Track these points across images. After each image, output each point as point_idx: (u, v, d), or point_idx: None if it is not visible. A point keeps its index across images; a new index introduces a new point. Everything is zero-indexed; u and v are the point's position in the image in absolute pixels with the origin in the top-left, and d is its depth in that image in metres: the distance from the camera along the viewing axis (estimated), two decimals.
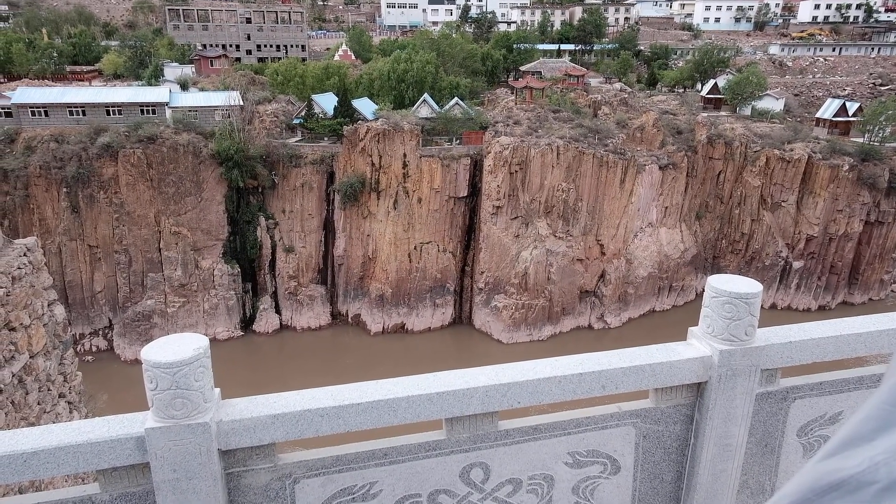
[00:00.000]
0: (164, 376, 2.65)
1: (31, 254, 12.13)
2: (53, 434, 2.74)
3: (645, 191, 50.94)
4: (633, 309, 52.08)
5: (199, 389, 2.73)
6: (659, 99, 66.35)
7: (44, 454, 2.65)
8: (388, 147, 47.63)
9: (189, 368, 2.67)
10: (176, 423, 2.71)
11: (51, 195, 44.99)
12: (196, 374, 2.70)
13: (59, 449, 2.68)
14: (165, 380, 2.65)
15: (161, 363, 2.65)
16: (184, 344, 2.76)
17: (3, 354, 10.14)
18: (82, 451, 2.70)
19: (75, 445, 2.69)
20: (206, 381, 2.78)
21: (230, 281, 48.56)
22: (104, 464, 2.76)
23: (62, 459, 2.68)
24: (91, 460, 2.72)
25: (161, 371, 2.65)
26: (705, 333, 3.47)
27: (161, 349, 2.72)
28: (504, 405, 3.14)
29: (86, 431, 2.74)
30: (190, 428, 2.72)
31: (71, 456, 2.69)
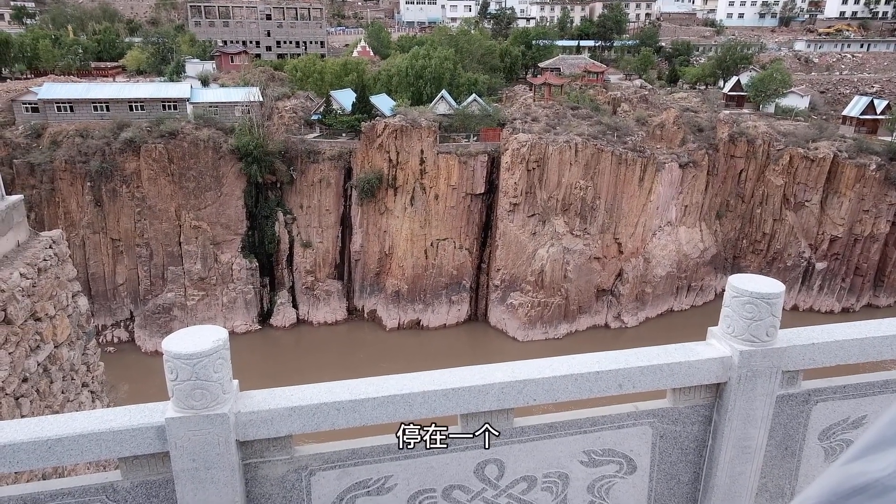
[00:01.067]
0: (184, 367, 2.69)
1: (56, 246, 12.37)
2: (77, 422, 2.81)
3: (664, 189, 50.37)
4: (650, 308, 51.60)
5: (218, 381, 2.77)
6: (680, 96, 65.52)
7: (67, 441, 2.71)
8: (405, 143, 47.70)
9: (209, 360, 2.71)
10: (195, 413, 2.75)
11: (75, 189, 45.80)
12: (215, 365, 2.74)
13: (83, 436, 2.74)
14: (185, 371, 2.70)
15: (181, 354, 2.69)
16: (203, 336, 2.80)
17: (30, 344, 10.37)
18: (105, 438, 2.76)
19: (98, 433, 2.75)
20: (224, 373, 2.81)
21: (248, 275, 49.07)
22: (125, 452, 2.81)
23: (85, 447, 2.74)
24: (113, 448, 2.78)
25: (181, 362, 2.69)
26: (725, 333, 3.42)
27: (181, 340, 2.76)
28: (520, 402, 3.14)
29: (108, 420, 2.80)
30: (209, 419, 2.77)
31: (94, 443, 2.75)
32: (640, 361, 3.28)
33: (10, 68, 67.54)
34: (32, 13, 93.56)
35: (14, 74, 66.35)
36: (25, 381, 10.28)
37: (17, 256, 11.12)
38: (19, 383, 10.07)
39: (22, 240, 11.79)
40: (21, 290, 10.43)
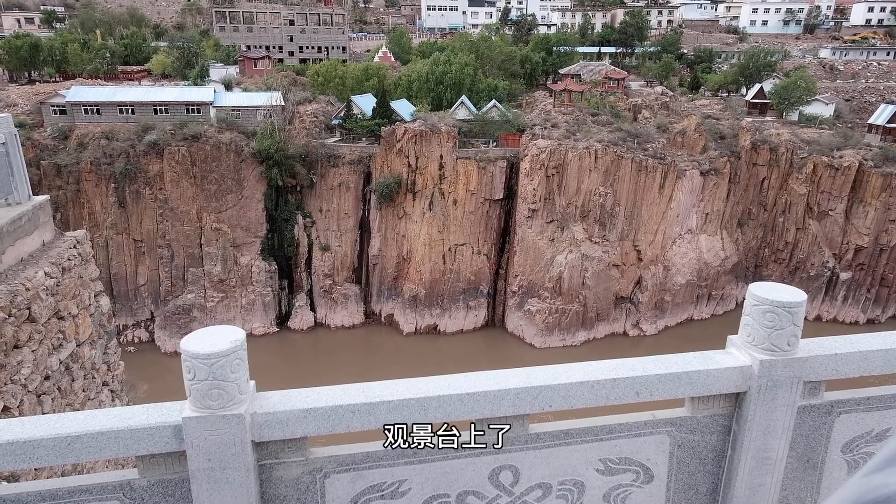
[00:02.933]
0: (201, 367, 2.72)
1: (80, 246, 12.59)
2: (96, 419, 2.85)
3: (685, 196, 49.83)
4: (669, 317, 50.99)
5: (235, 381, 2.79)
6: (702, 103, 64.85)
7: (87, 438, 2.75)
8: (424, 148, 47.84)
9: (226, 360, 2.73)
10: (212, 413, 2.78)
11: (100, 190, 46.66)
12: (232, 365, 2.76)
13: (102, 434, 2.78)
14: (203, 370, 2.72)
15: (199, 354, 2.71)
16: (221, 336, 2.83)
17: (52, 342, 10.55)
18: (123, 436, 2.79)
19: (116, 431, 2.79)
20: (241, 374, 2.84)
21: (267, 277, 49.51)
22: (143, 450, 2.84)
23: (103, 444, 2.78)
24: (131, 446, 2.82)
25: (199, 362, 2.71)
26: (745, 342, 3.36)
27: (199, 340, 2.79)
28: (535, 408, 3.11)
29: (126, 418, 2.83)
30: (225, 419, 2.79)
31: (112, 441, 2.79)
32: (657, 369, 3.23)
33: (39, 71, 69.20)
34: (62, 17, 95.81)
35: (43, 77, 67.97)
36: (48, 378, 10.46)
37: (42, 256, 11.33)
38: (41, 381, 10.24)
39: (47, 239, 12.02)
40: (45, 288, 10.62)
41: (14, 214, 10.58)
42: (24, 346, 9.59)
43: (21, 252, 10.63)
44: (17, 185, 11.12)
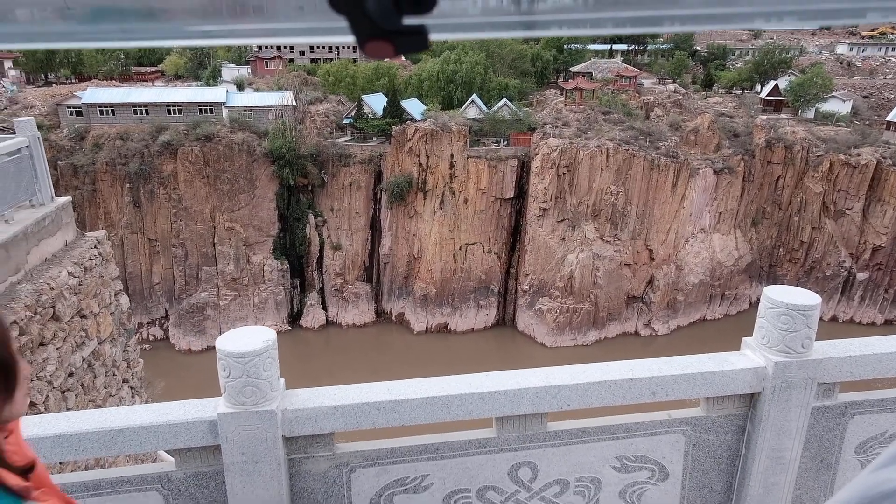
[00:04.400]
0: (236, 365, 2.85)
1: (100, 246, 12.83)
2: (137, 414, 3.00)
3: (698, 195, 49.53)
4: (682, 317, 50.74)
5: (267, 379, 2.92)
6: (715, 101, 64.35)
7: (129, 432, 2.90)
8: (435, 147, 47.94)
9: (259, 359, 2.87)
10: (245, 409, 2.91)
11: (115, 190, 47.22)
12: (265, 364, 2.90)
13: (142, 428, 2.92)
14: (237, 368, 2.85)
15: (234, 353, 2.84)
16: (254, 336, 2.96)
17: (76, 340, 10.77)
18: (162, 431, 2.94)
19: (156, 426, 2.93)
20: (273, 372, 2.97)
21: (279, 276, 49.86)
22: (180, 444, 2.99)
23: (144, 438, 2.93)
24: (169, 440, 2.96)
25: (234, 360, 2.84)
26: (760, 344, 3.43)
27: (234, 340, 2.92)
28: (554, 407, 3.21)
29: (165, 413, 2.98)
30: (258, 415, 2.92)
31: (152, 435, 2.93)
32: (673, 370, 3.31)
33: (55, 73, 70.12)
34: None
35: (59, 79, 68.87)
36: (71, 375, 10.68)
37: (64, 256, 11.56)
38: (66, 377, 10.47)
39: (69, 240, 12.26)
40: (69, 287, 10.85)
41: (38, 216, 10.82)
42: (48, 344, 9.82)
43: (45, 252, 10.87)
44: (40, 186, 11.37)
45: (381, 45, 0.37)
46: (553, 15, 0.47)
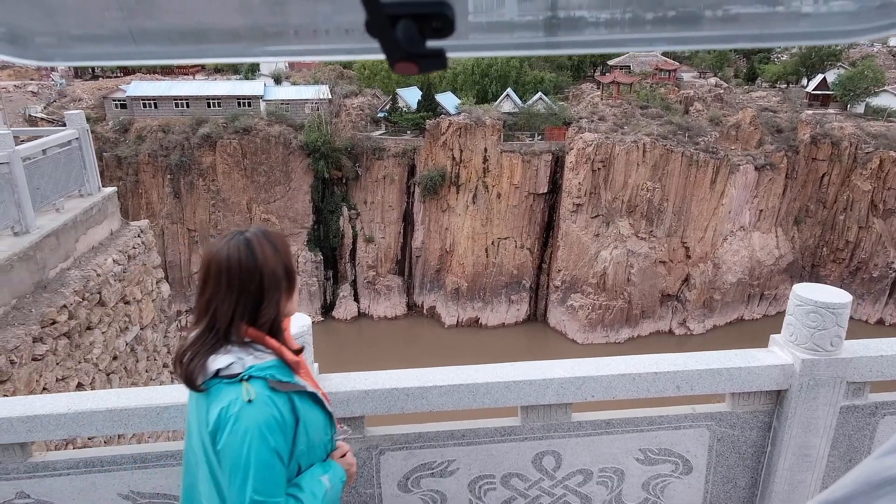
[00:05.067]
0: None
1: (144, 235, 13.33)
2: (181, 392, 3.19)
3: (738, 192, 48.33)
4: (718, 316, 49.69)
5: None
6: (758, 95, 62.51)
7: (173, 409, 3.09)
8: (469, 141, 47.93)
9: None
10: None
11: (156, 181, 48.66)
12: None
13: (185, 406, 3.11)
14: None
15: None
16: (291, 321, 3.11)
17: (120, 325, 11.23)
18: None
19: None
20: (307, 356, 3.11)
21: (313, 268, 50.67)
22: None
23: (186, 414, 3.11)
24: None
25: None
26: (787, 341, 3.42)
27: None
28: (578, 398, 3.26)
29: None
30: None
31: None
32: (698, 364, 3.33)
33: (102, 67, 72.48)
34: None
35: (105, 73, 71.13)
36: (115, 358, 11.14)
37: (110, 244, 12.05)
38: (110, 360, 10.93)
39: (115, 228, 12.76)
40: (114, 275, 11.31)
41: (86, 205, 11.31)
42: (95, 328, 10.27)
43: (92, 240, 11.35)
44: (88, 177, 11.87)
45: (407, 65, 0.44)
46: (555, 37, 0.51)
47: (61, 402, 3.10)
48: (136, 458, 3.18)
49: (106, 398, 3.12)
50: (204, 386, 1.94)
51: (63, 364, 9.36)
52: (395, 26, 0.44)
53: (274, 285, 2.04)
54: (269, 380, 1.92)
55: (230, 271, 1.98)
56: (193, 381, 1.94)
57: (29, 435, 3.08)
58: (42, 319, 8.82)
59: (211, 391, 1.92)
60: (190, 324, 2.16)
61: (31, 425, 3.05)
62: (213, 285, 1.99)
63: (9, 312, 8.60)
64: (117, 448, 3.25)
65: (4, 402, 3.17)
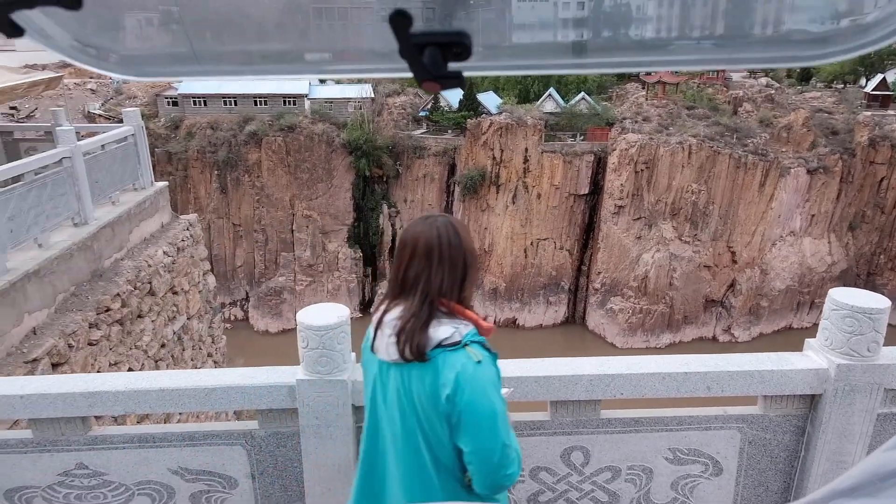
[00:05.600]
0: (314, 337, 3.15)
1: (192, 228, 13.85)
2: (227, 376, 3.38)
3: (788, 196, 46.71)
4: (765, 324, 48.13)
5: (340, 351, 3.21)
6: (812, 95, 60.18)
7: (220, 391, 3.28)
8: (510, 141, 47.77)
9: (334, 333, 3.16)
10: (320, 377, 3.21)
11: (204, 177, 50.20)
12: (339, 338, 3.19)
13: (231, 388, 3.30)
14: (315, 340, 3.16)
15: (312, 326, 3.15)
16: (330, 312, 3.27)
17: (168, 314, 11.71)
18: (248, 392, 3.30)
19: (243, 387, 3.30)
20: (345, 345, 3.26)
21: (353, 264, 51.38)
22: (263, 405, 3.34)
23: (232, 397, 3.31)
24: (254, 400, 3.32)
25: (312, 332, 3.15)
26: (823, 346, 3.37)
27: (312, 314, 3.24)
28: (607, 395, 3.30)
29: (250, 377, 3.35)
30: (331, 383, 3.21)
31: (240, 395, 3.31)
32: (729, 366, 3.31)
33: None
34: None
35: None
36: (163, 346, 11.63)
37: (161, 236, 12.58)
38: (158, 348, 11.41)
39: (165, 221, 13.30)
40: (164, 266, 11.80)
41: (139, 198, 11.84)
42: (145, 317, 10.75)
43: (144, 232, 11.88)
44: (142, 171, 12.42)
45: (432, 84, 0.53)
46: (546, 59, 0.58)
47: (119, 380, 3.35)
48: (184, 436, 3.39)
49: (159, 378, 3.35)
50: (429, 356, 2.11)
51: (115, 350, 9.83)
52: (423, 52, 0.53)
53: (473, 263, 2.29)
54: (484, 344, 2.19)
55: (441, 249, 2.18)
56: (422, 353, 2.11)
57: (90, 409, 3.33)
58: (97, 306, 9.29)
59: (436, 359, 2.10)
60: (384, 296, 2.40)
61: (92, 400, 3.30)
62: (423, 261, 2.18)
63: (68, 298, 9.10)
64: (168, 426, 3.47)
65: (69, 379, 3.44)
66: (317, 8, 0.62)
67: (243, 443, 3.42)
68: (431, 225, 2.24)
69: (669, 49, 0.56)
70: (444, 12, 0.54)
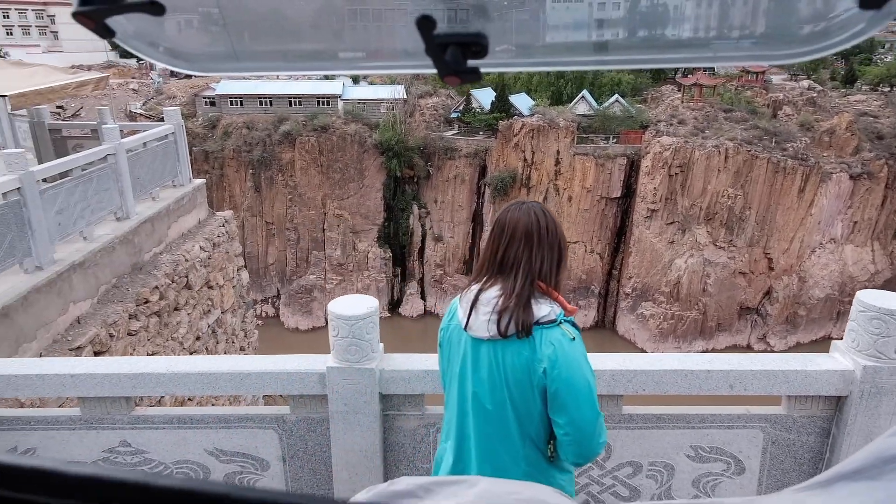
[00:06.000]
0: (344, 326, 3.28)
1: (227, 225, 14.21)
2: (260, 362, 3.54)
3: (829, 202, 45.36)
4: (802, 333, 46.81)
5: (369, 341, 3.34)
6: (857, 99, 58.29)
7: (254, 376, 3.44)
8: (541, 143, 47.55)
9: (363, 322, 3.28)
10: (350, 365, 3.34)
11: (239, 175, 51.25)
12: (367, 328, 3.31)
13: (265, 374, 3.45)
14: (345, 329, 3.28)
15: (342, 315, 3.28)
16: (360, 303, 3.40)
17: (203, 308, 12.04)
18: (281, 378, 3.45)
19: (276, 373, 3.45)
20: (374, 335, 3.37)
21: (382, 264, 51.80)
22: (295, 391, 3.49)
23: (267, 382, 3.46)
24: (287, 386, 3.47)
25: (342, 322, 3.28)
26: (849, 348, 3.34)
27: (343, 305, 3.37)
28: (629, 390, 3.33)
29: (283, 363, 3.50)
30: (360, 371, 3.34)
31: (273, 380, 3.46)
32: (753, 365, 3.31)
33: None
34: None
35: None
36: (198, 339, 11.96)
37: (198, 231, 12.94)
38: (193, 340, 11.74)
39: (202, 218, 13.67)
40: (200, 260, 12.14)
41: (178, 195, 12.21)
42: (182, 310, 11.09)
43: (182, 228, 12.25)
44: (181, 169, 12.81)
45: (453, 78, 0.61)
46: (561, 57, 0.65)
47: (161, 363, 3.55)
48: (220, 419, 3.56)
49: (198, 363, 3.53)
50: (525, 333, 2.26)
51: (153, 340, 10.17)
52: (445, 51, 0.61)
53: (566, 247, 2.44)
54: (574, 323, 2.35)
55: (541, 233, 2.33)
56: (529, 329, 2.24)
57: (133, 390, 3.52)
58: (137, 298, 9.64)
59: (534, 335, 2.23)
60: (474, 277, 2.51)
61: (136, 382, 3.50)
62: (523, 244, 2.31)
63: (109, 290, 9.46)
64: (205, 408, 3.65)
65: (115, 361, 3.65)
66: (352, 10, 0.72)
67: (275, 427, 3.58)
68: (528, 210, 2.37)
69: (656, 47, 0.60)
70: (475, 14, 0.63)
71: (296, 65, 0.71)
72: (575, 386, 2.20)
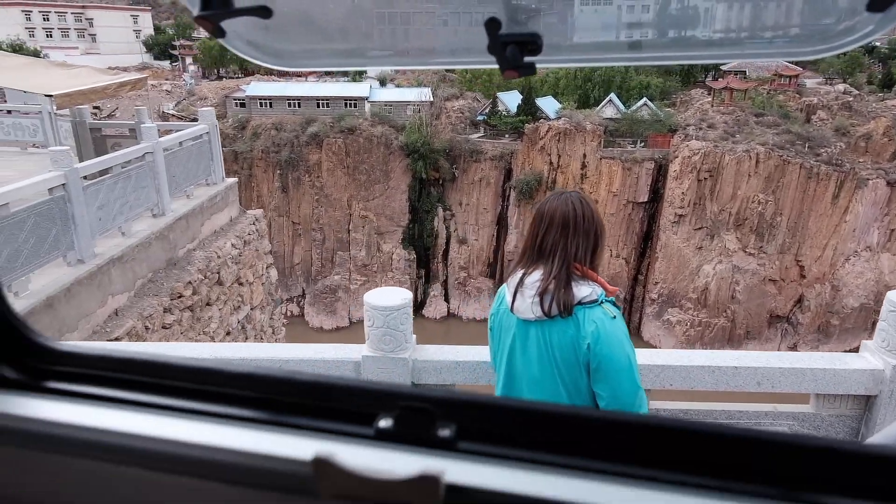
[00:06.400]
0: (379, 316, 3.40)
1: (258, 223, 14.50)
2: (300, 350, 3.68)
3: (865, 209, 44.19)
4: (835, 343, 45.62)
5: (402, 332, 3.44)
6: (895, 103, 56.74)
7: (293, 363, 3.59)
8: (567, 146, 47.31)
9: (397, 314, 3.39)
10: (384, 354, 3.45)
11: (267, 176, 52.02)
12: (401, 318, 3.42)
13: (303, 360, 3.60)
14: (380, 319, 3.40)
15: (378, 306, 3.40)
16: (394, 295, 3.51)
17: (234, 304, 12.31)
18: (317, 365, 3.59)
19: (313, 360, 3.59)
20: (407, 326, 3.48)
21: (406, 265, 52.04)
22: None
23: (304, 369, 3.59)
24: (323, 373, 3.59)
25: (378, 312, 3.39)
26: (879, 347, 3.34)
27: (378, 296, 3.49)
28: (657, 385, 3.37)
29: (320, 352, 3.63)
30: (393, 360, 3.44)
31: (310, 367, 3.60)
32: (781, 363, 3.32)
33: (226, 69, 78.59)
34: None
35: (229, 74, 77.07)
36: (228, 334, 12.22)
37: (229, 229, 13.24)
38: (224, 335, 12.01)
39: (234, 216, 13.99)
40: (231, 257, 12.43)
41: (211, 193, 12.53)
42: (213, 305, 11.37)
43: (215, 225, 12.56)
44: (214, 168, 13.14)
45: (512, 72, 0.69)
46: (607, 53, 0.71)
47: (206, 349, 3.70)
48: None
49: (240, 348, 3.69)
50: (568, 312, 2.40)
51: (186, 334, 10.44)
52: (506, 49, 0.70)
53: (603, 234, 2.65)
54: (615, 302, 2.52)
55: (577, 221, 2.51)
56: (570, 308, 2.39)
57: None
58: (171, 293, 9.92)
59: (577, 315, 2.39)
60: (517, 264, 2.65)
61: None
62: (559, 231, 2.48)
63: (145, 284, 9.76)
64: None
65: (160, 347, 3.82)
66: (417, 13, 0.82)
67: None
68: (566, 200, 2.55)
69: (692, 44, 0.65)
70: (525, 16, 0.71)
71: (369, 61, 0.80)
72: (616, 361, 2.34)
